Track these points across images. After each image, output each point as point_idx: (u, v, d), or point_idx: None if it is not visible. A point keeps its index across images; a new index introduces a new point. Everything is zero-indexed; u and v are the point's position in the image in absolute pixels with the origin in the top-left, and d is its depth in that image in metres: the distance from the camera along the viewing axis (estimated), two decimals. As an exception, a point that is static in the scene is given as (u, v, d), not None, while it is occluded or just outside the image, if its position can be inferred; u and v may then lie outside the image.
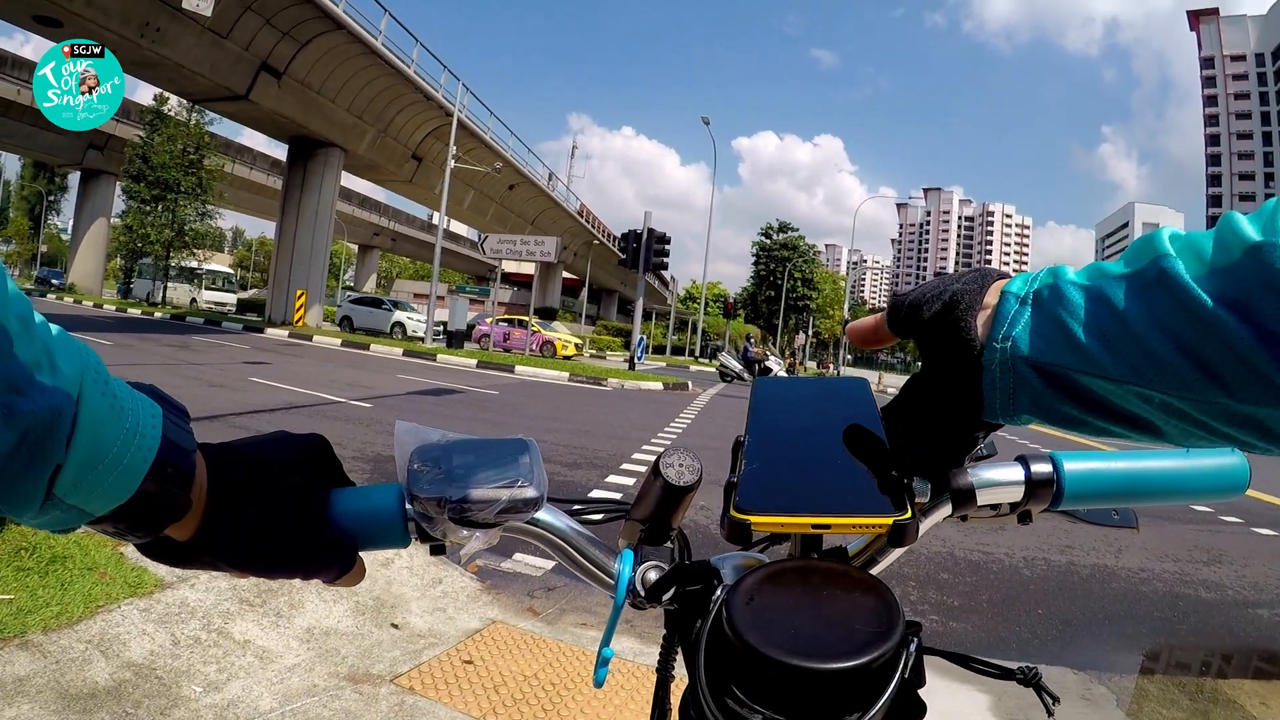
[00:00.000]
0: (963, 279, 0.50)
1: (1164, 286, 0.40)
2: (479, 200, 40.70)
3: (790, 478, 0.50)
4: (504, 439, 0.58)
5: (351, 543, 0.54)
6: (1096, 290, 0.43)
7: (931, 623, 4.13)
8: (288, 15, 23.71)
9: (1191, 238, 0.42)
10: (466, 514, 0.52)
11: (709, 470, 0.58)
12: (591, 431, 10.05)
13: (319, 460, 0.56)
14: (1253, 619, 4.89)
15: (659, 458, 0.55)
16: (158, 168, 33.91)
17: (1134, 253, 0.43)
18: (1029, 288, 0.47)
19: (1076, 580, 5.25)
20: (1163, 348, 0.40)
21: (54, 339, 0.40)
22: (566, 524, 0.62)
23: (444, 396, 12.39)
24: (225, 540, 0.49)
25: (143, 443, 0.43)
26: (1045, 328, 0.45)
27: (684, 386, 20.43)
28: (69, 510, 0.41)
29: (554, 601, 3.84)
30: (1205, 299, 0.38)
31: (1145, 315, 0.41)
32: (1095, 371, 0.42)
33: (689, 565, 0.55)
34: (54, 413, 0.38)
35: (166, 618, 3.01)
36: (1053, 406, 0.46)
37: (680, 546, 0.61)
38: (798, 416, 0.57)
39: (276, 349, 19.19)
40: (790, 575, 0.47)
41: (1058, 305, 0.45)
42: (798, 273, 68.95)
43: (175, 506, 0.46)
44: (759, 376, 0.65)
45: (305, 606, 3.31)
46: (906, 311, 0.52)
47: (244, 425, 7.70)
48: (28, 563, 3.18)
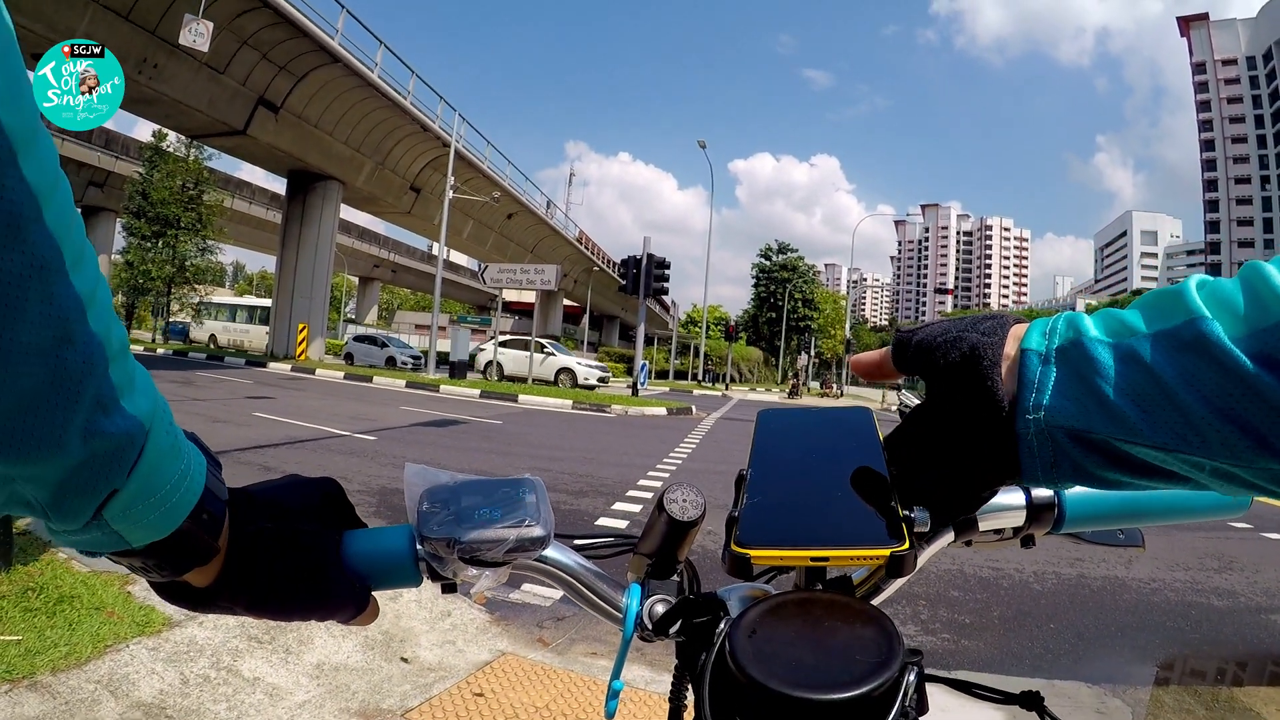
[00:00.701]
0: (980, 327, 0.49)
1: (1202, 350, 0.38)
2: (478, 230, 40.86)
3: (791, 510, 0.51)
4: (510, 479, 0.59)
5: (365, 584, 0.56)
6: (1127, 350, 0.42)
7: (944, 641, 4.11)
8: (284, 49, 23.97)
9: (1221, 291, 0.40)
10: (476, 554, 0.54)
11: (715, 496, 0.59)
12: (596, 459, 10.02)
13: (332, 504, 0.58)
14: (1266, 625, 4.86)
15: (663, 493, 0.56)
16: (158, 204, 34.04)
17: (1161, 308, 0.42)
18: (1048, 342, 0.45)
19: (1087, 593, 5.22)
20: (1207, 415, 0.38)
21: (138, 371, 0.42)
22: (574, 560, 0.63)
23: (448, 427, 12.37)
24: (244, 586, 0.51)
25: (190, 485, 0.45)
26: (1075, 390, 0.43)
27: (688, 411, 20.39)
28: (110, 534, 0.42)
29: (563, 631, 3.83)
30: (1247, 363, 0.37)
31: (1185, 381, 0.39)
32: (1140, 440, 0.41)
33: (695, 599, 0.57)
34: (128, 438, 0.40)
35: (175, 656, 3.00)
36: (1098, 473, 0.44)
37: (689, 578, 0.62)
38: (799, 448, 0.58)
39: (279, 383, 19.20)
40: (792, 608, 0.47)
41: (1086, 367, 0.43)
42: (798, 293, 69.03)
43: (205, 550, 0.48)
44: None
45: (314, 642, 3.30)
46: (915, 351, 0.51)
47: (249, 460, 7.70)
48: (35, 603, 3.18)
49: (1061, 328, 0.46)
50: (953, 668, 3.76)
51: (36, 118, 0.33)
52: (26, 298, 0.33)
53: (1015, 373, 0.46)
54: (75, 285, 0.35)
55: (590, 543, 0.70)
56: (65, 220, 0.35)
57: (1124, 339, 0.42)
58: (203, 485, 0.47)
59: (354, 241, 57.80)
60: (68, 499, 0.39)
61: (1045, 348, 0.45)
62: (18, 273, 0.32)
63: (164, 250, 35.13)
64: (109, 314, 0.39)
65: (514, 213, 42.17)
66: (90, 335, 0.37)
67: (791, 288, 67.82)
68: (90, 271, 0.37)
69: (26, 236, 0.33)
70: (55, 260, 0.34)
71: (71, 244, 0.35)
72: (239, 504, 0.52)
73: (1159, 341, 0.40)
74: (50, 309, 0.34)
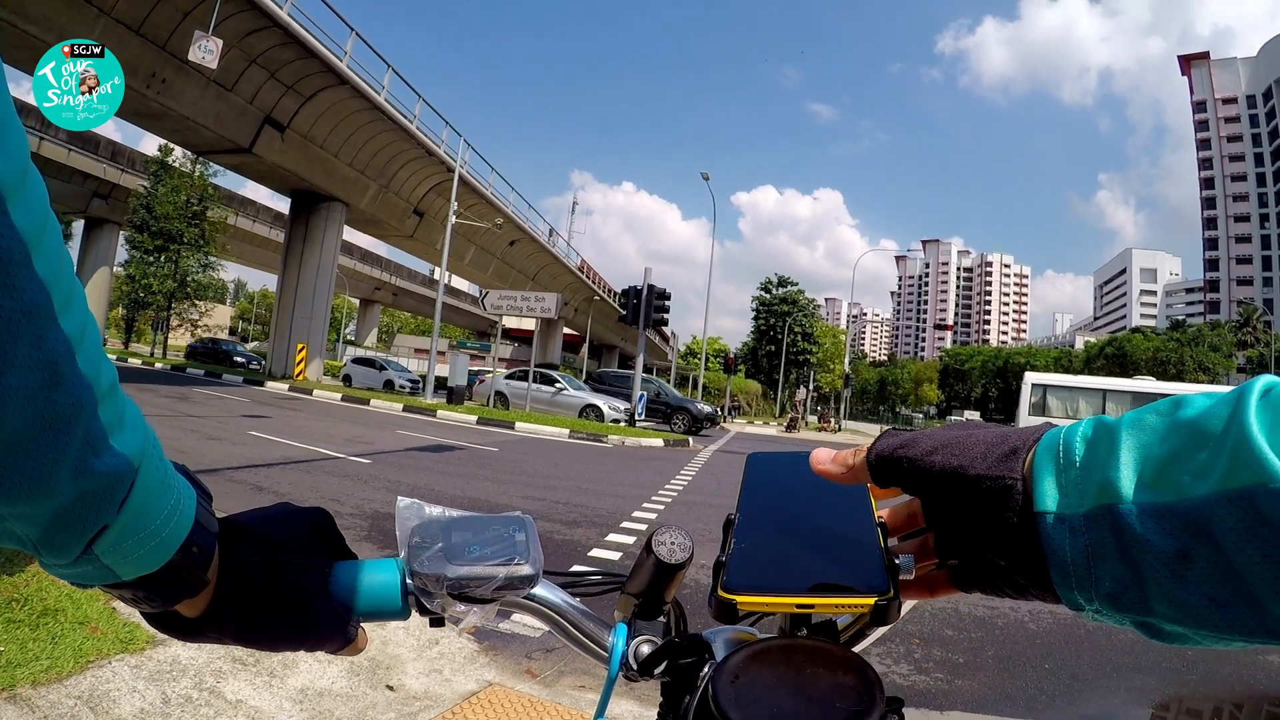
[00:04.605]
0: (987, 458, 0.42)
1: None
2: (480, 256, 41.00)
3: (777, 557, 0.51)
4: (501, 516, 0.60)
5: (353, 616, 0.56)
6: (1185, 521, 0.34)
7: (937, 680, 4.08)
8: (292, 69, 24.16)
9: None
10: (465, 590, 0.54)
11: (709, 530, 0.60)
12: (591, 489, 9.99)
13: (322, 534, 0.58)
14: (1263, 665, 4.82)
15: (652, 535, 0.57)
16: (161, 218, 34.25)
17: (1219, 447, 0.34)
18: (1070, 499, 0.39)
19: (1082, 633, 5.19)
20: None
21: (127, 408, 0.43)
22: (562, 598, 0.63)
23: (444, 453, 12.34)
24: (232, 618, 0.51)
25: (181, 519, 0.46)
26: (1122, 576, 0.37)
27: (685, 443, 20.34)
28: (100, 568, 0.43)
29: (552, 663, 3.81)
30: None
31: (1266, 572, 0.32)
32: (1204, 630, 0.35)
33: (680, 641, 0.57)
34: (117, 476, 0.40)
35: (158, 675, 2.98)
36: (1159, 628, 0.38)
37: (675, 617, 0.63)
38: (787, 494, 0.58)
39: (276, 402, 19.18)
40: (775, 653, 0.48)
41: (1135, 549, 0.36)
42: (798, 327, 69.09)
43: (194, 583, 0.48)
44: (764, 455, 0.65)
45: (299, 666, 3.27)
46: (913, 472, 0.45)
47: (242, 479, 7.68)
48: (19, 615, 3.16)
49: (1088, 490, 0.38)
50: (945, 708, 3.74)
51: (26, 159, 0.34)
52: (16, 342, 0.33)
53: (1038, 540, 0.40)
54: (64, 328, 0.36)
55: (578, 580, 0.70)
56: (55, 263, 0.35)
57: (1171, 497, 0.35)
58: (193, 519, 0.47)
59: (356, 263, 58.03)
60: (58, 535, 0.40)
61: (1068, 508, 0.39)
62: (6, 318, 0.33)
63: (166, 265, 35.31)
64: (98, 353, 0.39)
65: (516, 240, 42.33)
66: (79, 377, 0.37)
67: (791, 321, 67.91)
68: (79, 312, 0.38)
69: (15, 282, 0.33)
70: (44, 304, 0.34)
71: (61, 286, 0.36)
72: (229, 535, 0.52)
73: (1224, 509, 0.33)
74: (39, 353, 0.34)
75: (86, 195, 38.77)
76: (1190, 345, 77.96)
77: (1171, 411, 0.37)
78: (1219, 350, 76.96)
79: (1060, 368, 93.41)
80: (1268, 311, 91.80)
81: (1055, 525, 0.39)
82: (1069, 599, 0.40)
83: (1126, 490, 0.36)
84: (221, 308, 58.79)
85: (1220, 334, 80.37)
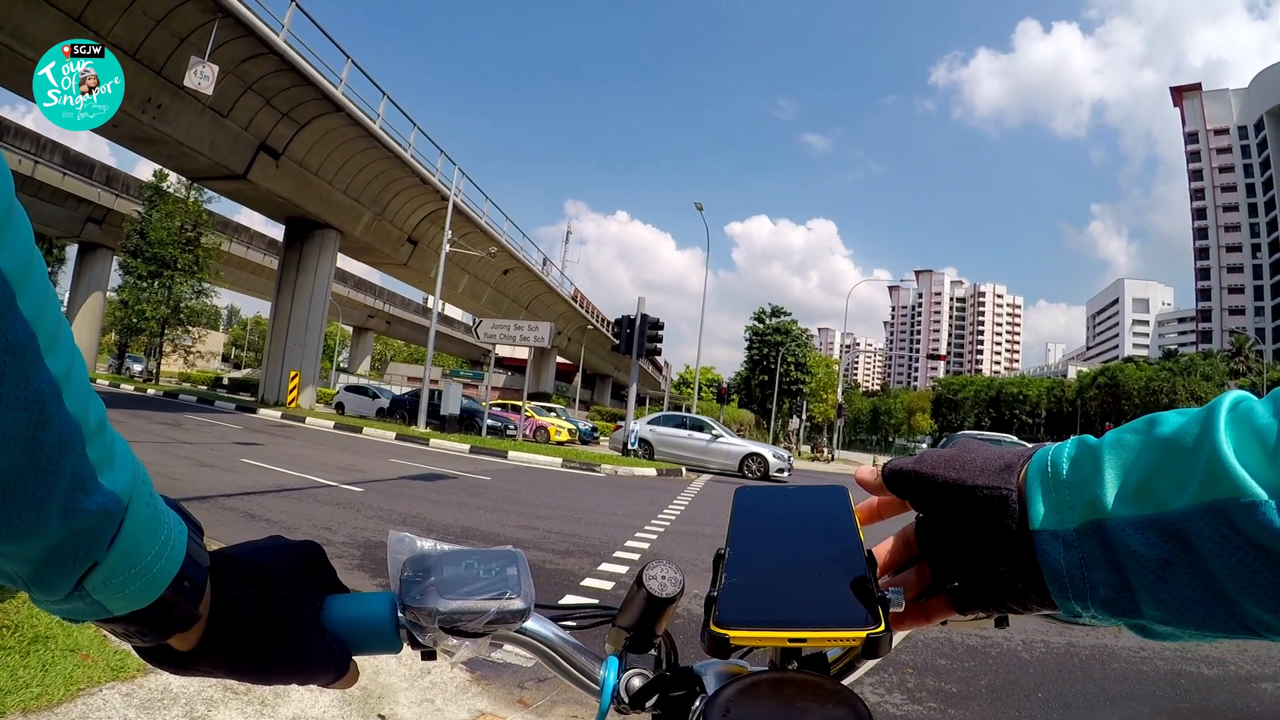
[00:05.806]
0: (985, 472, 0.46)
1: (1259, 548, 0.34)
2: (473, 284, 41.08)
3: (768, 591, 0.52)
4: (493, 550, 0.60)
5: (345, 649, 0.56)
6: (1165, 531, 0.37)
7: (930, 710, 4.06)
8: (288, 96, 24.27)
9: (1265, 438, 0.35)
10: (456, 624, 0.54)
11: (701, 560, 0.60)
12: (584, 519, 9.94)
13: (313, 568, 0.58)
14: (1256, 693, 4.80)
15: (643, 570, 0.57)
16: (155, 244, 34.29)
17: (1192, 462, 0.37)
18: (1059, 517, 0.42)
19: (1076, 662, 5.16)
20: (1267, 618, 0.35)
21: (116, 444, 0.43)
22: (553, 632, 0.64)
23: (436, 482, 12.29)
24: (224, 651, 0.51)
25: (172, 554, 0.46)
26: (1113, 582, 0.40)
27: (678, 472, 20.28)
28: (91, 604, 0.43)
29: (544, 693, 3.77)
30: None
31: (1241, 583, 0.35)
32: (1189, 627, 0.39)
33: (671, 674, 0.57)
34: (106, 514, 0.40)
35: (149, 704, 2.95)
36: (1149, 629, 0.42)
37: (666, 650, 0.63)
38: (777, 528, 0.58)
39: (269, 430, 19.12)
40: (766, 687, 0.48)
41: (1124, 559, 0.39)
42: (791, 357, 69.04)
43: (186, 618, 0.48)
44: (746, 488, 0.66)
45: (290, 696, 3.24)
46: (919, 484, 0.49)
47: (234, 507, 7.63)
48: (9, 641, 3.13)
49: (1078, 507, 0.41)
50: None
51: (10, 196, 0.34)
52: (1, 383, 0.33)
53: (1034, 557, 0.43)
54: (51, 367, 0.36)
55: (570, 612, 0.70)
56: (40, 302, 0.35)
57: (1153, 511, 0.38)
58: (184, 554, 0.47)
59: (350, 291, 58.07)
60: (48, 573, 0.40)
61: (1060, 524, 0.42)
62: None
63: (159, 291, 35.28)
64: (86, 390, 0.39)
65: (510, 269, 42.46)
66: (66, 416, 0.37)
67: (785, 351, 67.89)
68: (66, 350, 0.37)
69: (1, 324, 0.33)
70: (30, 345, 0.34)
71: (47, 325, 0.36)
72: (220, 569, 0.52)
73: (1201, 521, 0.36)
74: (26, 394, 0.34)
75: (80, 220, 38.75)
76: (1183, 375, 78.36)
77: (1148, 429, 0.41)
78: (1211, 379, 77.33)
79: (1053, 398, 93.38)
80: (1259, 340, 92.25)
81: (1049, 541, 0.42)
82: (1066, 608, 0.43)
83: (1112, 505, 0.40)
84: (215, 334, 58.61)
85: (1213, 363, 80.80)
